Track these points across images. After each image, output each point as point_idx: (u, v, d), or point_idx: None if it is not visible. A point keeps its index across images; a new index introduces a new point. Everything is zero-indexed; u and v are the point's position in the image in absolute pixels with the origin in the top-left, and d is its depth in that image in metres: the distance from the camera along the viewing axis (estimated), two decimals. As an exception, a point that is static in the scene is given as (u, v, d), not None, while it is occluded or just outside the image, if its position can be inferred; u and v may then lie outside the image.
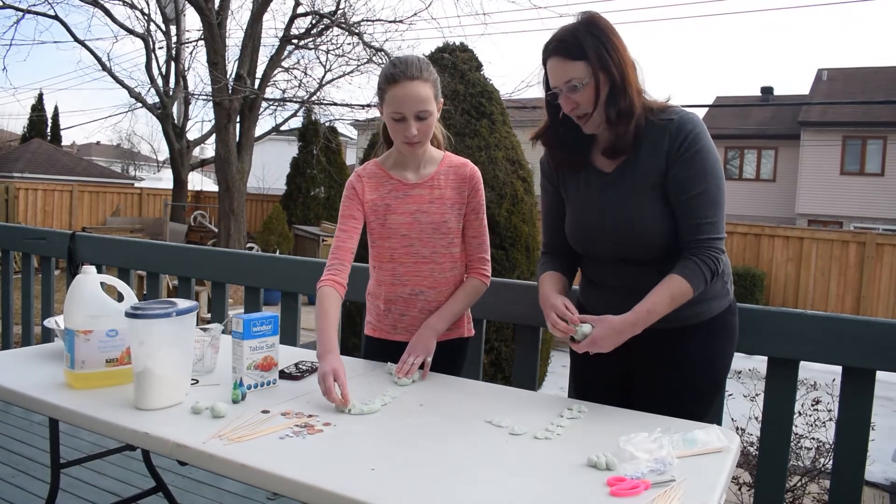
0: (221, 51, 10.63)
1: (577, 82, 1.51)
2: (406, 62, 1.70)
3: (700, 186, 1.52)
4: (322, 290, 1.71)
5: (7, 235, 3.66)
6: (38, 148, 21.55)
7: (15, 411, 3.15)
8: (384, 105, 1.72)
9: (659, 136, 1.54)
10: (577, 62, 1.50)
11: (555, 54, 1.53)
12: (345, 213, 1.82)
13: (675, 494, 1.10)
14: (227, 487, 2.50)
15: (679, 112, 1.55)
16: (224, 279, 2.87)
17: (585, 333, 1.49)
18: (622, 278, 1.64)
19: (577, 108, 1.54)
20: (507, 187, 4.94)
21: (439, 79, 1.78)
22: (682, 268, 1.52)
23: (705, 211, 1.52)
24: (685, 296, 1.52)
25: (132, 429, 1.33)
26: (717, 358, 1.64)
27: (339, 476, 1.13)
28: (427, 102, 1.70)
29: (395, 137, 1.76)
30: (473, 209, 1.87)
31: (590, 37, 1.50)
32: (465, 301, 1.86)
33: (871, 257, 10.43)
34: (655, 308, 1.50)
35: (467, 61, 5.43)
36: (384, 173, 1.85)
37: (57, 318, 1.87)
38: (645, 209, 1.55)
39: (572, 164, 1.67)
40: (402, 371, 1.69)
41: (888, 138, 17.85)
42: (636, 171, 1.57)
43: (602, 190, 1.62)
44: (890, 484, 4.17)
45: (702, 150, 1.52)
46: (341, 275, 1.75)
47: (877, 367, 1.72)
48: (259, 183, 20.77)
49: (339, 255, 1.77)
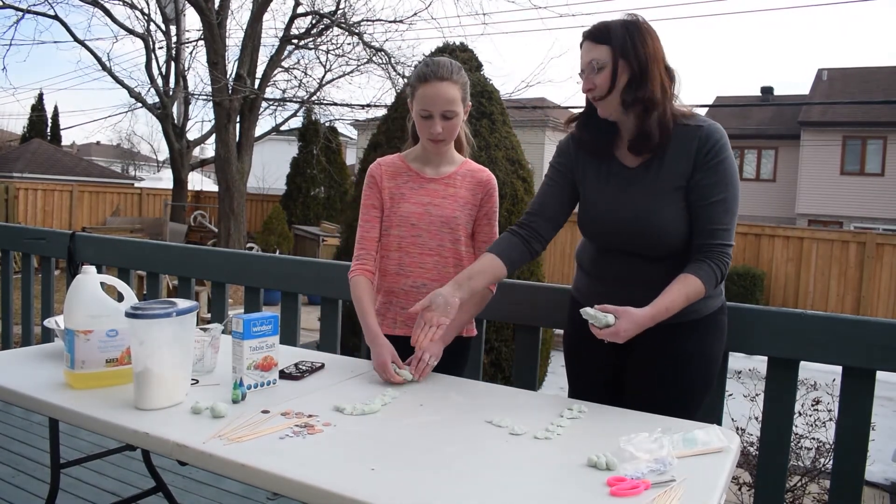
0: (221, 51, 10.64)
1: (597, 64, 1.58)
2: (438, 63, 1.79)
3: (721, 194, 1.58)
4: (353, 280, 1.84)
5: (7, 235, 3.66)
6: (38, 148, 21.54)
7: (15, 411, 3.15)
8: (414, 102, 1.81)
9: (688, 141, 1.60)
10: (601, 45, 1.59)
11: (586, 38, 1.62)
12: (366, 203, 1.91)
13: (676, 494, 1.10)
14: (227, 487, 2.50)
15: (707, 121, 1.62)
16: (224, 279, 2.88)
17: (609, 324, 1.50)
18: (625, 271, 1.67)
19: (594, 90, 1.60)
20: (507, 187, 4.95)
21: (469, 83, 1.84)
22: (697, 269, 1.57)
23: (722, 217, 1.58)
24: (698, 296, 1.57)
25: (132, 429, 1.33)
26: (710, 355, 1.69)
27: (339, 476, 1.13)
28: (454, 103, 1.78)
29: (421, 134, 1.84)
30: (486, 214, 1.91)
31: (621, 27, 1.58)
32: (474, 310, 1.89)
33: (871, 257, 10.43)
34: (673, 305, 1.55)
35: (467, 61, 5.44)
36: (404, 164, 1.93)
37: (57, 318, 1.86)
38: (665, 209, 1.60)
39: (596, 150, 1.71)
40: (419, 370, 1.69)
41: (888, 138, 17.86)
42: (661, 171, 1.62)
43: (624, 184, 1.66)
44: (890, 484, 4.18)
45: (727, 160, 1.59)
46: (369, 263, 1.87)
47: (877, 367, 1.72)
48: (259, 183, 20.79)
49: (364, 246, 1.89)
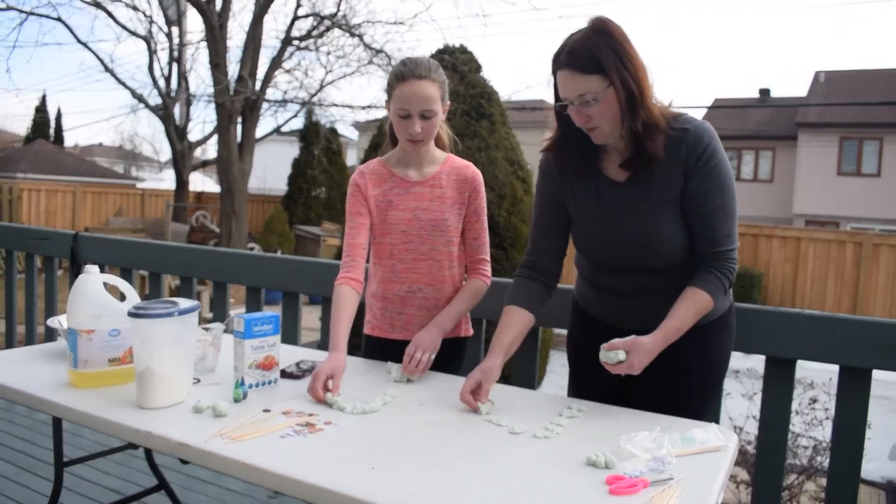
0: (223, 52, 10.66)
1: (591, 97, 1.44)
2: (416, 62, 1.74)
3: (718, 200, 1.50)
4: (336, 289, 1.76)
5: (10, 235, 3.67)
6: (42, 149, 21.53)
7: (19, 410, 3.16)
8: (392, 102, 1.76)
9: (676, 147, 1.49)
10: (590, 76, 1.43)
11: (566, 67, 1.45)
12: (351, 211, 1.86)
13: (674, 493, 1.10)
14: (228, 486, 2.51)
15: (692, 121, 1.52)
16: (226, 279, 2.88)
17: (621, 360, 1.46)
18: (629, 284, 1.62)
19: (590, 122, 1.48)
20: (506, 188, 4.95)
21: (448, 82, 1.81)
22: (703, 282, 1.51)
23: (723, 224, 1.51)
24: (708, 309, 1.53)
25: (135, 428, 1.34)
26: (719, 358, 1.65)
27: (339, 475, 1.14)
28: (432, 102, 1.73)
29: (399, 134, 1.79)
30: (474, 211, 1.88)
31: (605, 48, 1.42)
32: (469, 302, 1.87)
33: (868, 257, 10.42)
34: (683, 325, 1.50)
35: (467, 62, 5.44)
36: (387, 170, 1.87)
37: (60, 317, 1.87)
38: (662, 224, 1.53)
39: (583, 173, 1.61)
40: (409, 368, 1.69)
41: (885, 139, 17.84)
42: (652, 183, 1.52)
43: (615, 201, 1.57)
44: (886, 482, 4.17)
45: (719, 163, 1.50)
46: (355, 271, 1.79)
47: (873, 366, 1.73)
48: (260, 183, 20.79)
49: (350, 253, 1.82)
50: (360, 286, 1.78)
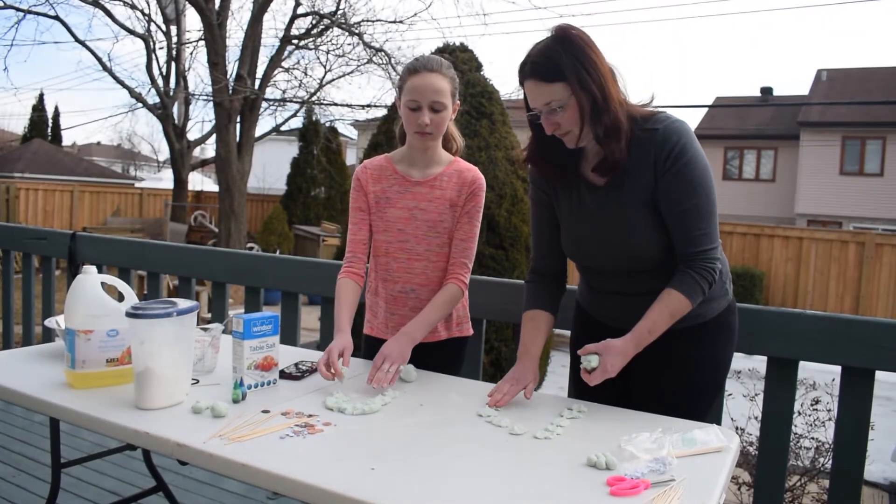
0: (222, 51, 10.65)
1: (556, 104, 1.46)
2: (428, 58, 1.79)
3: (691, 200, 1.49)
4: (338, 282, 1.82)
5: (8, 235, 3.66)
6: (39, 148, 21.53)
7: (16, 411, 3.15)
8: (402, 95, 1.77)
9: (645, 149, 1.50)
10: (554, 84, 1.45)
11: (531, 77, 1.48)
12: (353, 206, 1.89)
13: (675, 494, 1.10)
14: (227, 487, 2.51)
15: (664, 120, 1.50)
16: (224, 279, 2.88)
17: (595, 366, 1.47)
18: (621, 285, 1.63)
19: (560, 129, 1.50)
20: (506, 187, 4.95)
21: (458, 81, 1.82)
22: (679, 283, 1.51)
23: (698, 223, 1.50)
24: (684, 310, 1.52)
25: (133, 428, 1.33)
26: (719, 358, 1.64)
27: (339, 476, 1.14)
28: (442, 94, 1.74)
29: (408, 127, 1.79)
30: (467, 212, 1.85)
31: (565, 56, 1.44)
32: (443, 309, 1.81)
33: (871, 257, 10.43)
34: (656, 327, 1.50)
35: (467, 61, 5.44)
36: (390, 167, 1.88)
37: (57, 317, 1.87)
38: (638, 226, 1.53)
39: (564, 180, 1.63)
40: (376, 379, 1.59)
41: (887, 139, 17.85)
42: (625, 186, 1.53)
43: (594, 205, 1.59)
44: (889, 484, 4.18)
45: (690, 162, 1.48)
46: (356, 265, 1.85)
47: (876, 366, 1.72)
48: (259, 183, 20.78)
49: (352, 248, 1.87)
50: (359, 279, 1.83)
